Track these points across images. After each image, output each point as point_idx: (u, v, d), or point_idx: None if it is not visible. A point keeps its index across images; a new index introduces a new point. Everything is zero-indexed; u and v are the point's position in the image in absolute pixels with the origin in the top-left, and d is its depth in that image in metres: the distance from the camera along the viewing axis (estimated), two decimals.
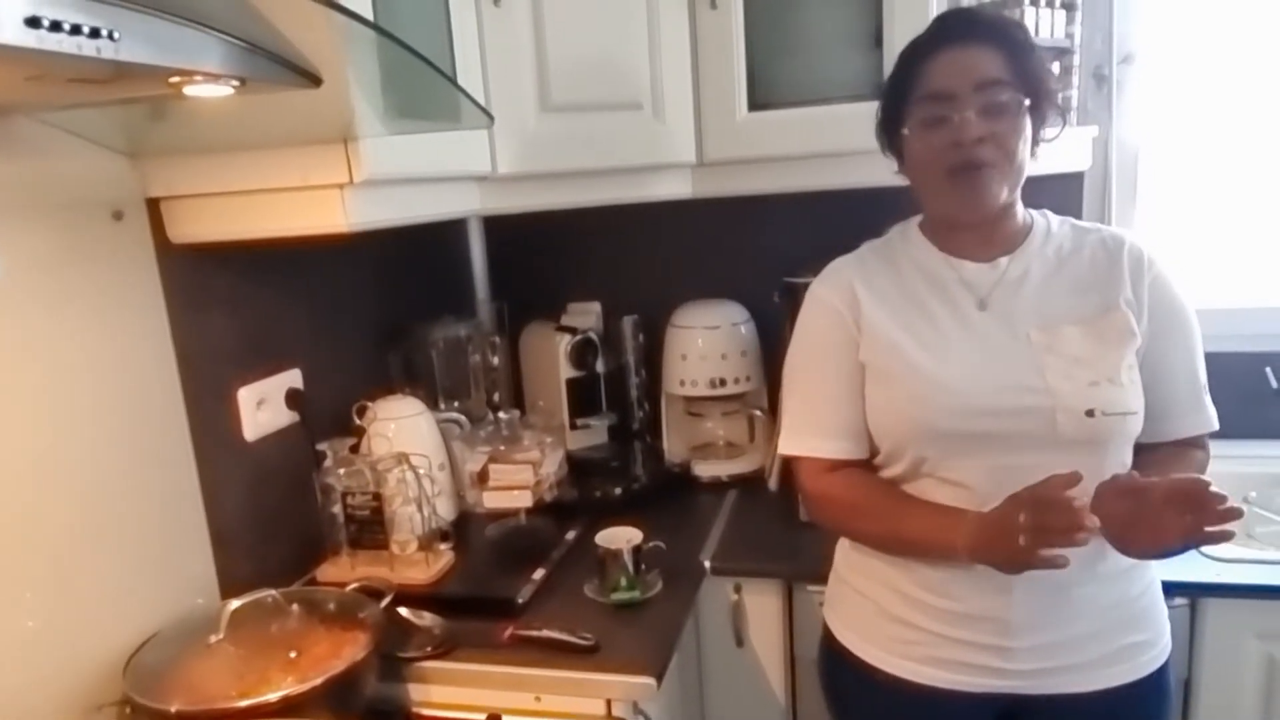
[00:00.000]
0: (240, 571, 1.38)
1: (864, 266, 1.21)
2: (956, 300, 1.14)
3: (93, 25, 0.63)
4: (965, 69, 1.05)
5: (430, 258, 2.01)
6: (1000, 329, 1.11)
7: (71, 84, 0.80)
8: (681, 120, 1.62)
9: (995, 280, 1.13)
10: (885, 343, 1.14)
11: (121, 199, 1.21)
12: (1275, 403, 1.79)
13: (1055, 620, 1.08)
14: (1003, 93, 1.04)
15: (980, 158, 1.05)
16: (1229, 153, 1.84)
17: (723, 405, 1.95)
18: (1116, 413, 1.06)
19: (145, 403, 1.25)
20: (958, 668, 1.12)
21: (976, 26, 1.07)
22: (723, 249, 2.03)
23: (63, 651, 1.12)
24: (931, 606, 1.12)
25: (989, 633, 1.09)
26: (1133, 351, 1.09)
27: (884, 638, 1.17)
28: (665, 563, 1.44)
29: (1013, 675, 1.10)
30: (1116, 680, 1.10)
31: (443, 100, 1.16)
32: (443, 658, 1.25)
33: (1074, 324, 1.09)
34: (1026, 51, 1.06)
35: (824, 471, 1.19)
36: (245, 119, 1.05)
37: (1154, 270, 1.11)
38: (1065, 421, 1.05)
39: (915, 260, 1.18)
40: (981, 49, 1.05)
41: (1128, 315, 1.09)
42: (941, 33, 1.09)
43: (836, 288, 1.19)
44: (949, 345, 1.11)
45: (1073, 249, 1.14)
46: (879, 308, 1.15)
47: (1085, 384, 1.06)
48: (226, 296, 1.40)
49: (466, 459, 1.65)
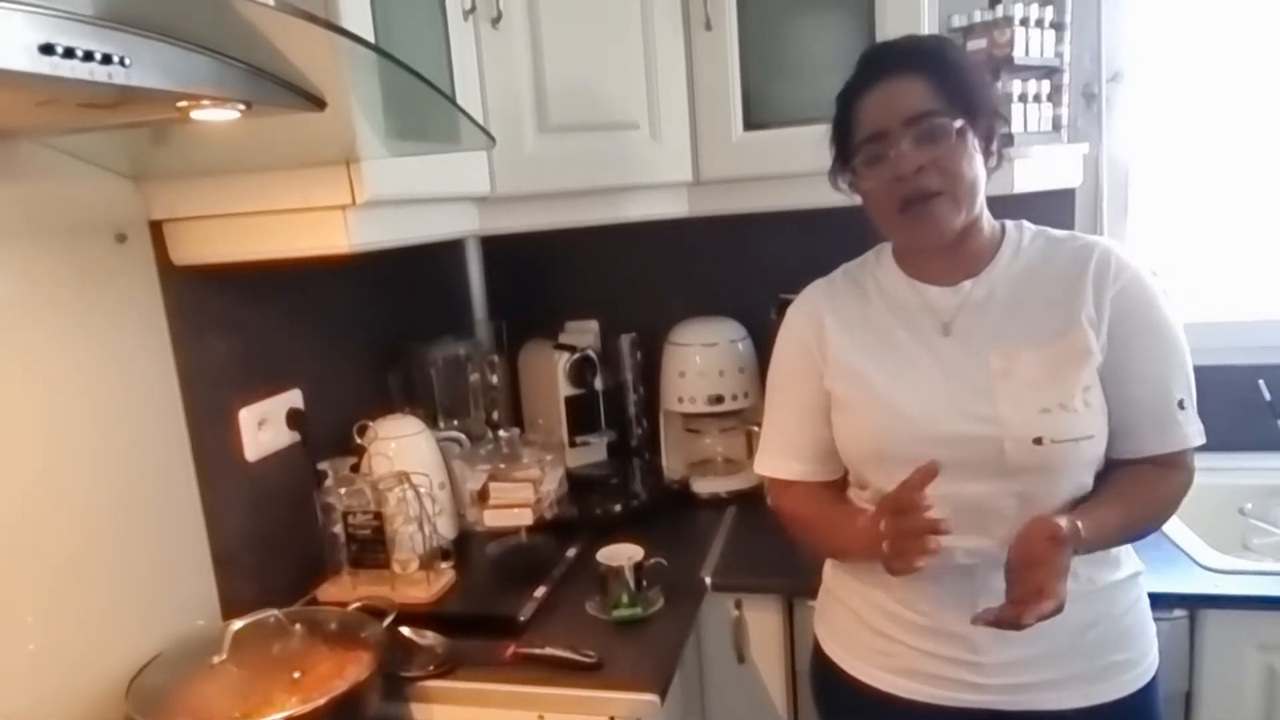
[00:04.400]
0: (242, 592, 1.38)
1: (833, 292, 1.22)
2: (920, 326, 1.13)
3: (105, 52, 0.65)
4: (892, 105, 1.05)
5: (429, 277, 2.02)
6: (961, 354, 1.10)
7: (80, 108, 0.82)
8: (678, 140, 1.64)
9: (959, 304, 1.12)
10: (847, 370, 1.15)
11: (125, 221, 1.22)
12: (1269, 415, 1.80)
13: (1025, 636, 1.04)
14: (932, 121, 1.04)
15: (925, 187, 1.05)
16: (1218, 167, 1.86)
17: (721, 422, 1.96)
18: (1067, 439, 1.04)
19: (147, 423, 1.26)
20: (934, 681, 1.12)
21: (898, 59, 1.07)
22: (719, 267, 2.05)
23: (64, 674, 1.12)
24: (906, 620, 1.13)
25: (958, 647, 1.09)
26: (1091, 372, 1.06)
27: (866, 650, 1.18)
28: (666, 579, 1.44)
29: (988, 690, 1.09)
30: (1098, 698, 1.09)
31: (443, 122, 1.18)
32: (445, 676, 1.25)
33: (1033, 348, 1.07)
34: (953, 71, 1.06)
35: (783, 489, 1.24)
36: (248, 141, 1.07)
37: (1122, 280, 1.07)
38: (1012, 450, 1.04)
39: (882, 286, 1.18)
40: (906, 80, 1.05)
41: (1087, 333, 1.06)
42: (865, 72, 1.10)
43: (805, 316, 1.21)
44: (909, 372, 1.11)
45: (1042, 263, 1.11)
46: (844, 335, 1.17)
47: (1036, 411, 1.04)
48: (228, 317, 1.40)
49: (467, 477, 1.66)
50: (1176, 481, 1.10)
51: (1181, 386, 1.09)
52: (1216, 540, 1.49)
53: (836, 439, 1.18)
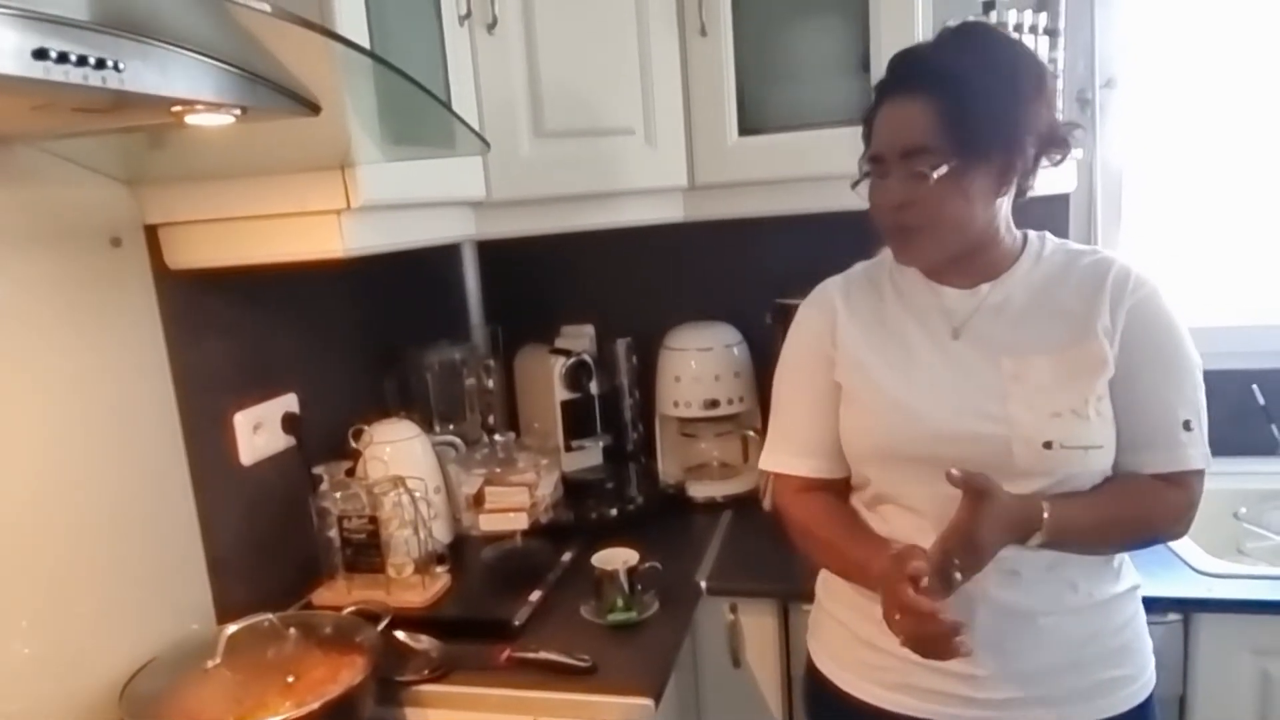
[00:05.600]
0: (236, 596, 1.38)
1: (849, 288, 1.22)
2: (933, 325, 1.13)
3: (99, 56, 0.65)
4: (894, 132, 1.04)
5: (425, 282, 2.02)
6: (973, 356, 1.09)
7: (75, 113, 0.82)
8: (673, 145, 1.64)
9: (974, 306, 1.11)
10: (857, 364, 1.14)
11: (120, 226, 1.22)
12: (1263, 420, 1.81)
13: (1021, 650, 1.06)
14: (924, 161, 1.01)
15: (904, 222, 1.06)
16: (1212, 172, 1.87)
17: (716, 426, 1.96)
18: (1076, 446, 1.03)
19: (142, 428, 1.26)
20: (929, 695, 1.10)
21: (917, 76, 1.04)
22: (714, 271, 2.05)
23: (59, 678, 1.12)
24: None
25: (955, 661, 1.07)
26: (1104, 383, 1.05)
27: (859, 664, 1.16)
28: (661, 583, 1.44)
29: (983, 705, 1.08)
30: (1095, 715, 1.08)
31: (439, 127, 1.18)
32: (440, 681, 1.25)
33: (1047, 353, 1.06)
34: (969, 99, 1.00)
35: (795, 490, 1.21)
36: (244, 146, 1.07)
37: (1138, 295, 1.07)
38: (1021, 452, 1.03)
39: (898, 284, 1.18)
40: (917, 103, 1.02)
41: (1102, 344, 1.05)
42: (888, 80, 1.07)
43: (820, 308, 1.21)
44: (918, 369, 1.11)
45: (1061, 274, 1.11)
46: (856, 330, 1.16)
47: (1047, 415, 1.03)
48: (223, 322, 1.41)
49: (462, 482, 1.66)
50: (1173, 499, 1.08)
51: (1189, 408, 1.07)
52: (1211, 544, 1.49)
53: (842, 434, 1.17)
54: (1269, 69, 1.80)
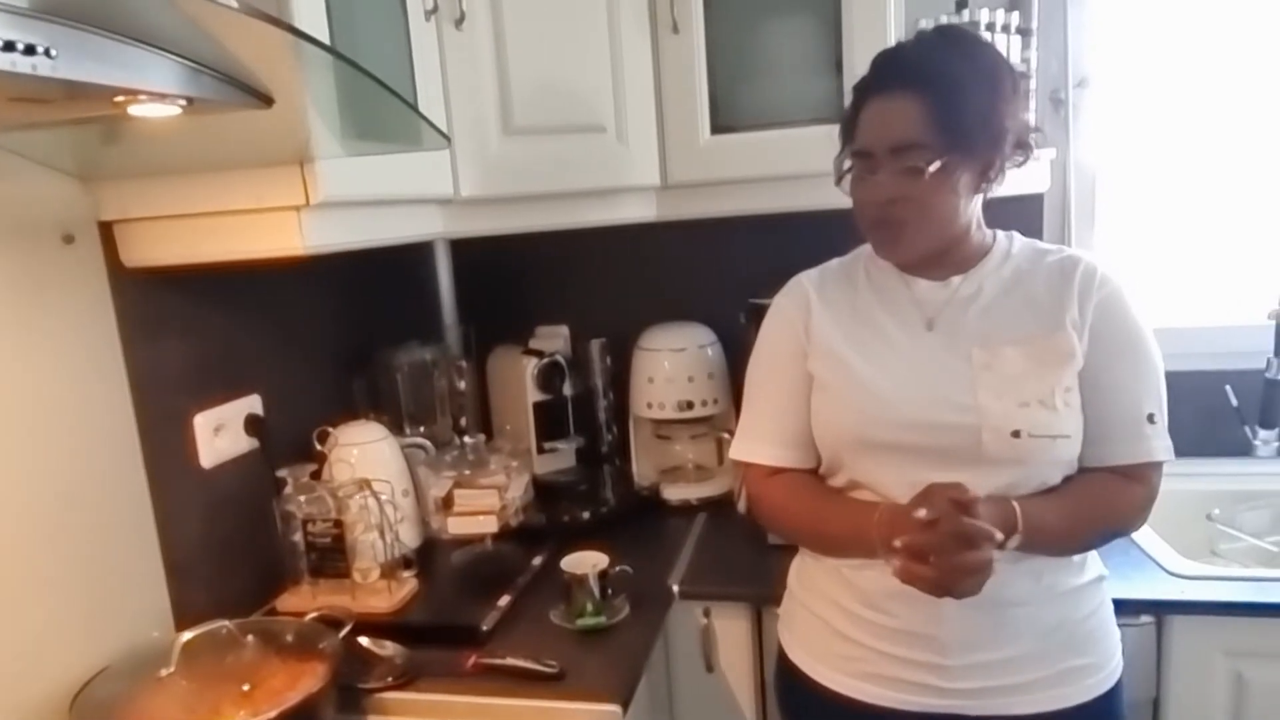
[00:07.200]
0: (197, 603, 1.34)
1: (823, 279, 1.24)
2: (906, 316, 1.15)
3: (28, 42, 0.62)
4: (884, 127, 1.06)
5: (396, 281, 1.99)
6: (944, 346, 1.12)
7: (14, 103, 0.79)
8: (644, 143, 1.62)
9: (946, 298, 1.14)
10: (830, 353, 1.16)
11: (72, 222, 1.19)
12: (1235, 421, 1.81)
13: (992, 639, 1.08)
14: (917, 157, 1.04)
15: (893, 217, 1.08)
16: (1185, 173, 1.87)
17: (691, 428, 1.94)
18: (1044, 435, 1.06)
19: (96, 430, 1.22)
20: (898, 685, 1.12)
21: (901, 74, 1.06)
22: (688, 271, 2.03)
23: (6, 688, 1.08)
24: (871, 623, 1.12)
25: (925, 650, 1.09)
26: (1072, 374, 1.08)
27: (830, 655, 1.17)
28: (632, 587, 1.42)
29: (951, 694, 1.09)
30: (1061, 703, 1.09)
31: (401, 122, 1.15)
32: (404, 688, 1.22)
33: (1016, 344, 1.09)
34: (955, 95, 1.03)
35: (766, 477, 1.22)
36: (198, 140, 1.04)
37: (1104, 290, 1.10)
38: (990, 440, 1.06)
39: (872, 276, 1.20)
40: (905, 100, 1.04)
41: (1071, 336, 1.08)
42: (873, 78, 1.09)
43: (794, 299, 1.23)
44: (890, 359, 1.13)
45: (1029, 269, 1.14)
46: (829, 319, 1.18)
47: (1015, 404, 1.06)
48: (182, 321, 1.37)
49: (431, 484, 1.63)
50: (1135, 494, 1.11)
51: (1153, 401, 1.10)
52: (1184, 546, 1.49)
53: (814, 422, 1.18)
54: (1241, 69, 1.80)
